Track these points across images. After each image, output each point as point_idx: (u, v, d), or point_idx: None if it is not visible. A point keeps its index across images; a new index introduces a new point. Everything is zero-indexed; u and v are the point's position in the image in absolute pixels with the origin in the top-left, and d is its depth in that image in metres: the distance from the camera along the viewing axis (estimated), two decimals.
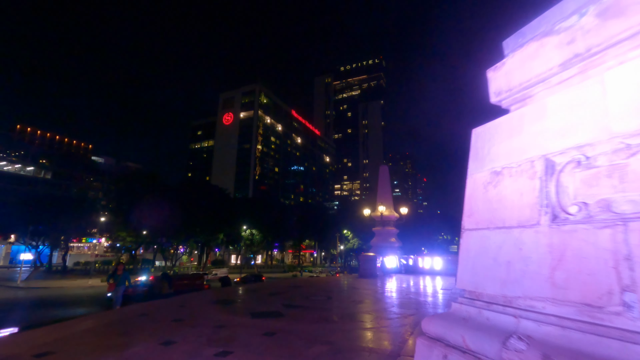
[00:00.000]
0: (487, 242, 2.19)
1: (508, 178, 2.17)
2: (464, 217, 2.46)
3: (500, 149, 2.28)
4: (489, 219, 2.22)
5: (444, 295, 8.98)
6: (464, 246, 2.40)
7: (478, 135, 2.53)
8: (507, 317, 1.97)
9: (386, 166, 20.51)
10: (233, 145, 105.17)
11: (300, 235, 69.24)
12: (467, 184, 2.48)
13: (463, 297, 2.34)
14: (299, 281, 13.59)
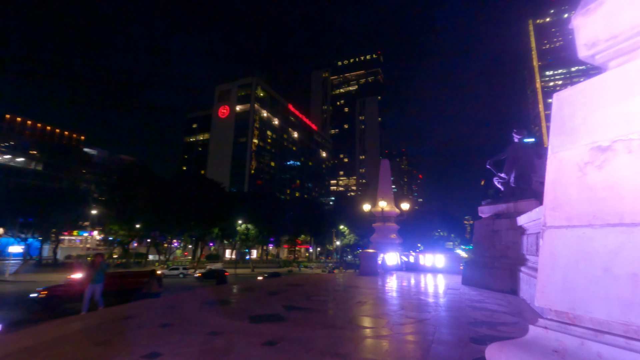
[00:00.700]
0: (591, 245, 1.57)
1: (625, 155, 1.54)
2: (546, 211, 1.83)
3: (608, 115, 1.65)
4: (592, 212, 1.59)
5: (453, 296, 8.44)
6: (548, 249, 1.77)
7: (564, 100, 1.89)
8: (635, 355, 1.36)
9: (387, 160, 19.94)
10: (229, 138, 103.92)
11: (296, 231, 68.72)
12: (549, 166, 1.86)
13: (549, 320, 1.71)
14: (298, 279, 13.00)
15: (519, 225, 9.29)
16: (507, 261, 9.68)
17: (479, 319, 5.78)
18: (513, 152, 10.64)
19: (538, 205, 9.54)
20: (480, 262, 10.60)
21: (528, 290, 7.68)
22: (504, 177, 10.71)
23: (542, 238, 1.79)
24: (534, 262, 7.97)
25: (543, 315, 1.82)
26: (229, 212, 49.91)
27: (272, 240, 72.64)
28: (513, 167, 10.43)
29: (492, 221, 10.45)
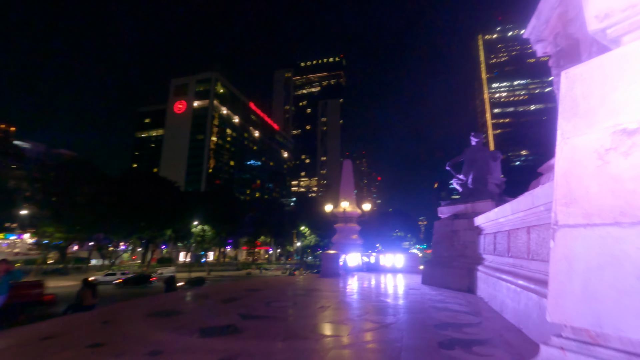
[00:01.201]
0: (620, 247, 1.29)
1: None
2: (557, 207, 1.55)
3: (635, 93, 1.40)
4: (619, 208, 1.32)
5: (415, 297, 8.41)
6: (561, 252, 1.49)
7: (576, 78, 1.63)
8: None
9: (350, 161, 19.94)
10: (185, 135, 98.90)
11: (256, 232, 67.10)
12: (559, 155, 1.59)
13: (565, 339, 1.42)
14: (257, 283, 12.34)
15: (476, 225, 9.56)
16: (465, 260, 9.92)
17: (444, 320, 5.69)
18: (471, 154, 11.00)
19: (494, 206, 9.90)
20: (439, 262, 10.79)
21: (486, 289, 7.86)
22: (463, 178, 11.03)
23: (553, 239, 1.51)
24: (490, 262, 8.19)
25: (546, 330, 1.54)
26: (183, 212, 47.21)
27: (230, 242, 70.18)
28: (471, 169, 10.78)
29: (451, 221, 10.69)
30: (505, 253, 6.80)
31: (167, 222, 45.36)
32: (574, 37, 8.03)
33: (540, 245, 4.93)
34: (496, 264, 7.47)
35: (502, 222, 7.09)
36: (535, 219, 5.27)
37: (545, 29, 8.70)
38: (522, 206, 5.45)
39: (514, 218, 6.20)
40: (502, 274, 6.52)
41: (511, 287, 5.80)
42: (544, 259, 4.80)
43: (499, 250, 7.36)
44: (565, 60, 8.08)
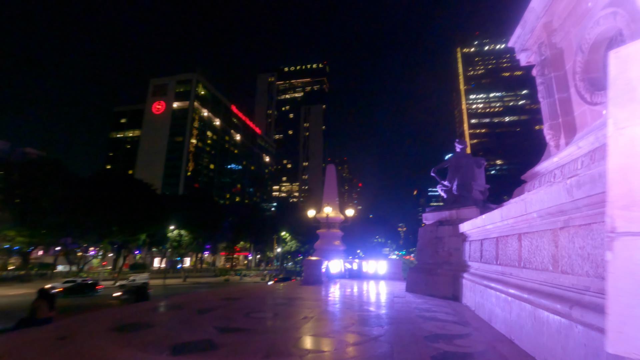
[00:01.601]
0: None
1: None
2: (614, 210, 1.28)
3: None
4: None
5: (401, 306, 8.16)
6: (624, 266, 1.21)
7: (629, 58, 1.38)
8: None
9: (333, 165, 19.71)
10: (163, 136, 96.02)
11: (235, 237, 65.60)
12: (612, 148, 1.33)
13: None
14: (235, 291, 11.73)
15: (461, 232, 9.49)
16: (449, 268, 9.81)
17: (433, 331, 5.45)
18: (455, 160, 10.99)
19: (478, 213, 9.88)
20: (424, 269, 10.64)
21: (472, 297, 7.72)
22: (447, 184, 10.99)
23: (611, 249, 1.24)
24: (476, 269, 8.09)
25: None
26: (159, 216, 45.39)
27: (208, 248, 68.22)
28: (455, 176, 10.76)
29: (435, 228, 10.59)
30: (493, 261, 6.68)
31: (142, 226, 43.39)
32: (558, 47, 8.14)
33: (533, 254, 4.79)
34: (483, 271, 7.36)
35: (490, 229, 6.99)
36: (526, 226, 5.14)
37: (530, 38, 8.81)
38: (513, 213, 5.32)
39: (503, 225, 6.08)
40: (490, 282, 6.38)
41: (501, 296, 5.65)
42: (537, 267, 4.66)
43: (486, 257, 7.25)
44: (550, 69, 8.17)
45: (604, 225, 3.31)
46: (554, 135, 7.69)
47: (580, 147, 6.37)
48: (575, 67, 7.03)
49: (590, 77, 6.67)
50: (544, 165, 7.93)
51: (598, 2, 6.29)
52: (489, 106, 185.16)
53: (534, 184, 8.15)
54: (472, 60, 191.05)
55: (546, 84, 8.01)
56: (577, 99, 7.08)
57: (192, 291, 36.84)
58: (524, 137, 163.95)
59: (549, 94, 7.92)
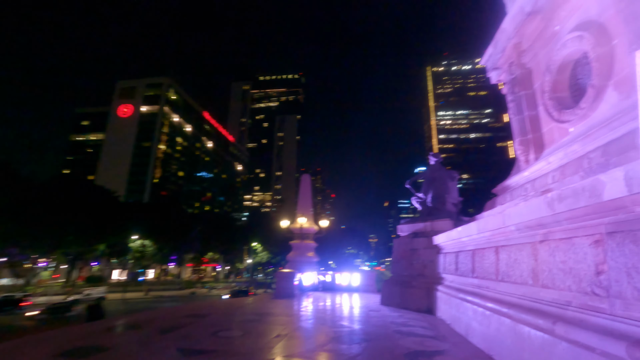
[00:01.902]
0: None
1: None
2: None
3: None
4: None
5: (377, 320, 7.95)
6: None
7: None
8: None
9: (308, 175, 19.47)
10: (129, 141, 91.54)
11: (203, 247, 63.04)
12: None
13: None
14: (202, 306, 10.98)
15: (435, 244, 9.53)
16: (424, 280, 9.79)
17: (412, 347, 5.26)
18: (430, 173, 11.15)
19: (452, 225, 10.00)
20: (398, 281, 10.56)
21: (447, 310, 7.68)
22: (422, 197, 11.09)
23: None
24: (451, 282, 8.09)
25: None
26: (121, 225, 42.68)
27: (173, 259, 64.94)
28: (430, 188, 10.89)
29: (410, 239, 10.60)
30: (469, 273, 6.68)
31: (100, 235, 40.46)
32: (527, 67, 8.51)
33: (511, 267, 4.77)
34: (458, 284, 7.35)
35: (465, 241, 7.01)
36: (504, 239, 5.15)
37: (500, 57, 9.17)
38: (491, 226, 5.33)
39: (480, 238, 6.10)
40: (467, 295, 6.34)
41: (478, 310, 5.60)
42: (515, 281, 4.63)
43: (461, 270, 7.25)
44: (520, 88, 8.51)
45: (586, 240, 3.32)
46: (523, 150, 7.94)
47: (550, 162, 6.58)
48: (543, 86, 7.34)
49: (558, 96, 6.98)
50: (515, 180, 8.16)
51: (565, 26, 6.64)
52: (456, 123, 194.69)
53: (505, 198, 8.36)
54: (441, 79, 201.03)
55: (516, 102, 8.30)
56: (545, 117, 7.37)
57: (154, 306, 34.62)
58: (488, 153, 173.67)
59: (519, 111, 8.20)
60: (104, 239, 41.51)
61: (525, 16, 7.45)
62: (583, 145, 5.63)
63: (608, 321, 2.83)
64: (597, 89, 5.55)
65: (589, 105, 5.76)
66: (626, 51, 4.97)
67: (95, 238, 40.27)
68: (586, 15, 5.96)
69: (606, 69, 5.40)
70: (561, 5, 6.70)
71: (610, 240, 2.86)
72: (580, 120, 6.06)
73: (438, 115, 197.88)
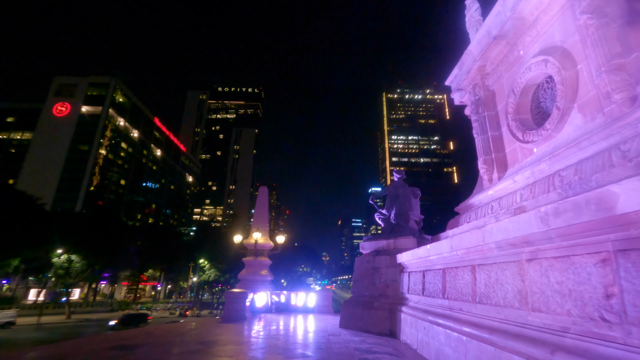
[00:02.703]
0: None
1: None
2: None
3: None
4: None
5: (339, 347, 7.22)
6: None
7: None
8: None
9: (266, 188, 18.46)
10: (63, 143, 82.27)
11: (143, 264, 57.37)
12: None
13: None
14: (134, 334, 9.31)
15: (398, 262, 9.19)
16: (386, 301, 9.33)
17: None
18: (393, 189, 10.97)
19: (415, 243, 9.78)
20: (359, 302, 9.98)
21: (414, 334, 7.21)
22: (385, 213, 10.82)
23: None
24: (416, 302, 7.70)
25: None
26: (43, 236, 37.10)
27: (106, 276, 58.06)
28: (393, 204, 10.67)
29: (372, 258, 10.17)
30: (439, 294, 6.32)
31: (14, 248, 34.58)
32: (490, 89, 8.73)
33: (492, 288, 4.44)
34: (425, 305, 6.96)
35: (434, 259, 6.69)
36: (480, 257, 4.86)
37: (465, 79, 9.38)
38: (467, 243, 5.01)
39: (451, 256, 5.79)
40: (437, 318, 5.94)
41: (453, 335, 5.18)
42: (497, 303, 4.29)
43: (430, 290, 6.88)
44: (484, 109, 8.68)
45: (590, 258, 3.03)
46: (487, 169, 7.98)
47: (516, 181, 6.59)
48: (507, 108, 7.50)
49: (521, 117, 7.14)
50: (478, 198, 8.16)
51: (529, 50, 6.87)
52: (407, 147, 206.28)
53: (469, 216, 8.31)
54: (395, 105, 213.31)
55: (480, 122, 8.42)
56: (509, 137, 7.50)
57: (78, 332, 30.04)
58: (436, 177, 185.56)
59: (483, 131, 8.30)
60: (17, 252, 35.52)
61: (491, 39, 7.65)
62: (551, 165, 5.64)
63: (622, 352, 2.48)
64: (562, 110, 5.65)
65: (553, 127, 5.86)
66: (591, 75, 5.10)
67: (6, 251, 34.28)
68: (551, 41, 6.16)
69: (571, 92, 5.53)
70: (526, 32, 6.92)
71: (623, 259, 2.57)
72: (545, 141, 6.15)
73: (391, 139, 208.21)
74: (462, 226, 7.75)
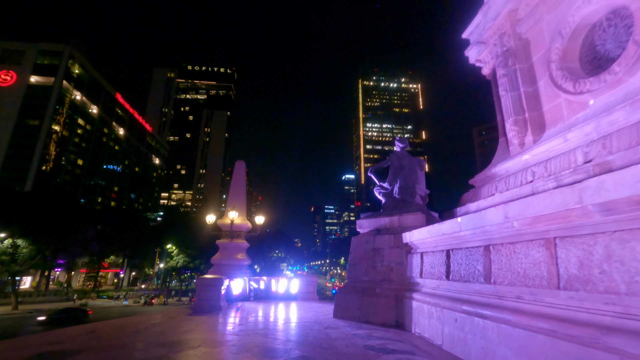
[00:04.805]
0: None
1: None
2: None
3: None
4: None
5: (345, 344, 5.74)
6: None
7: None
8: None
9: (243, 162, 16.47)
10: (9, 116, 73.81)
11: (103, 249, 53.19)
12: None
13: None
14: (76, 332, 7.30)
15: (405, 242, 7.86)
16: (390, 286, 8.00)
17: None
18: (397, 160, 9.54)
19: (424, 219, 8.48)
20: (357, 288, 8.59)
21: (436, 326, 5.89)
22: (387, 187, 9.40)
23: None
24: (434, 288, 6.41)
25: None
26: None
27: (61, 263, 53.32)
28: (397, 177, 9.26)
29: (372, 237, 8.76)
30: (478, 278, 4.98)
31: None
32: (523, 37, 7.30)
33: (599, 268, 3.10)
34: (453, 292, 5.63)
35: (467, 235, 5.33)
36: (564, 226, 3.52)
37: (490, 27, 7.85)
38: (540, 209, 3.63)
39: (502, 229, 4.45)
40: (481, 309, 4.60)
41: (515, 331, 3.84)
42: (610, 290, 2.97)
43: (460, 273, 5.54)
44: (514, 60, 7.28)
45: None
46: (518, 132, 6.67)
47: (569, 139, 5.30)
48: (549, 56, 6.14)
49: (569, 66, 5.82)
50: (505, 167, 6.88)
51: None
52: (381, 135, 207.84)
53: (494, 187, 7.02)
54: (371, 92, 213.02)
55: (509, 77, 7.05)
56: (549, 91, 6.19)
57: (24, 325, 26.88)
58: None
59: (513, 87, 6.95)
60: None
61: None
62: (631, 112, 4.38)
63: None
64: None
65: (627, 68, 4.57)
66: None
67: None
68: None
69: None
70: None
71: None
72: (609, 89, 4.88)
73: (366, 127, 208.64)
74: (493, 197, 6.44)
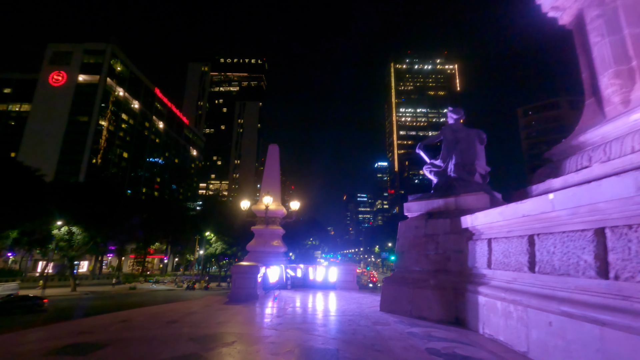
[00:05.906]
0: None
1: None
2: None
3: None
4: None
5: (402, 346, 4.82)
6: None
7: None
8: None
9: (277, 146, 15.86)
10: (62, 114, 79.60)
11: (148, 237, 56.28)
12: None
13: None
14: (110, 322, 7.07)
15: (464, 227, 6.71)
16: (447, 277, 6.92)
17: None
18: (451, 134, 8.26)
19: (488, 200, 7.23)
20: (406, 279, 7.60)
21: (517, 328, 4.79)
22: (440, 164, 8.19)
23: None
24: (510, 282, 5.29)
25: None
26: (41, 208, 35.40)
27: (112, 249, 57.27)
28: (452, 153, 8.01)
29: (423, 222, 7.67)
30: (583, 271, 3.80)
31: (12, 220, 32.99)
32: None
33: None
34: (541, 287, 4.46)
35: (562, 216, 4.13)
36: None
37: None
38: None
39: (630, 208, 3.26)
40: (598, 313, 3.47)
41: None
42: None
43: (553, 265, 4.34)
44: None
45: None
46: (622, 85, 5.14)
47: None
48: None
49: None
50: (601, 131, 5.41)
51: None
52: (415, 120, 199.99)
53: (581, 159, 5.60)
54: (404, 76, 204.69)
55: (607, 17, 5.48)
56: None
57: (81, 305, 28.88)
58: None
59: (612, 30, 5.38)
60: (14, 224, 33.99)
61: None
62: None
63: None
64: None
65: None
66: None
67: (2, 222, 32.70)
68: None
69: None
70: None
71: None
72: None
73: (399, 112, 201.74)
74: (589, 169, 5.07)
